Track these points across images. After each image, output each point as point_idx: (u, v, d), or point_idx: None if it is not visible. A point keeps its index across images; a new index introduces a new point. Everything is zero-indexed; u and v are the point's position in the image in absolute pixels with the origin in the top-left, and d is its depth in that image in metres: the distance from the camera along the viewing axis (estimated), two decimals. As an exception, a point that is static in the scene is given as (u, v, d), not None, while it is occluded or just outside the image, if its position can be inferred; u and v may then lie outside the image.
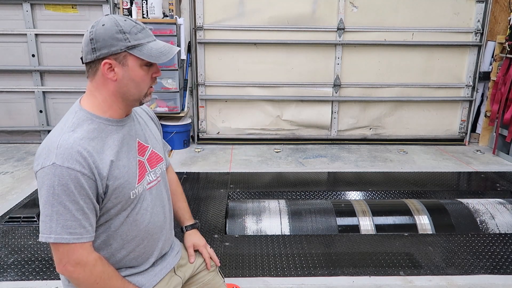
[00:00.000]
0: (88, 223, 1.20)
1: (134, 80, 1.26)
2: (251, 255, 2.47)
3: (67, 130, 1.20)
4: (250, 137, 5.09)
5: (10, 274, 2.26)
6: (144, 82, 1.28)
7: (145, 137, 1.40)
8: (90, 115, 1.25)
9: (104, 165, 1.21)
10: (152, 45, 1.25)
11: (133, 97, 1.29)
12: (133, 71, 1.24)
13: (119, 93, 1.27)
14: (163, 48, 1.27)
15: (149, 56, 1.23)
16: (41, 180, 1.16)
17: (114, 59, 1.22)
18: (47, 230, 1.16)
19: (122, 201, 1.27)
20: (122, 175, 1.25)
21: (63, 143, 1.16)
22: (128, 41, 1.21)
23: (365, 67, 4.93)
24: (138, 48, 1.23)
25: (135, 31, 1.23)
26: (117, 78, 1.24)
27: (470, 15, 4.82)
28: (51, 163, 1.14)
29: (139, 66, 1.25)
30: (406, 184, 3.67)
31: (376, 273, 2.30)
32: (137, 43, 1.23)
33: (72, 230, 1.16)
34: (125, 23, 1.22)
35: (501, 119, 4.57)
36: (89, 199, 1.18)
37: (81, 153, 1.16)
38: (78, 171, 1.15)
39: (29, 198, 3.27)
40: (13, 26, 4.60)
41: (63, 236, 1.16)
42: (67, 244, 1.17)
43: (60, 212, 1.15)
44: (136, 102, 1.31)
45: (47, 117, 4.90)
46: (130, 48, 1.22)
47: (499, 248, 2.56)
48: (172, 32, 4.32)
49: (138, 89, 1.28)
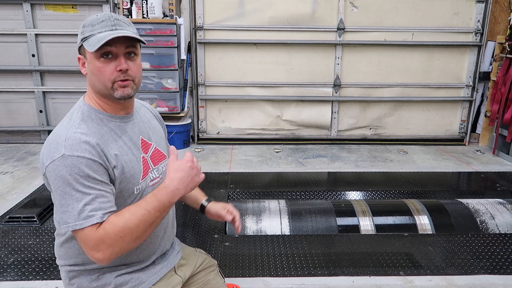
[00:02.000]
0: (109, 205, 1.18)
1: (93, 72, 1.24)
2: (251, 255, 2.47)
3: (73, 124, 1.22)
4: (250, 137, 5.09)
5: (10, 274, 2.26)
6: (103, 75, 1.22)
7: (148, 135, 1.41)
8: (93, 110, 1.27)
9: (111, 157, 1.22)
10: (101, 35, 1.19)
11: (101, 91, 1.26)
12: (90, 63, 1.24)
13: (91, 87, 1.28)
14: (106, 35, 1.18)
15: (89, 45, 1.19)
16: (53, 172, 1.16)
17: (80, 53, 1.26)
18: (71, 219, 1.14)
19: (125, 196, 1.28)
20: (128, 169, 1.26)
21: (70, 135, 1.18)
22: (82, 34, 1.23)
23: (365, 67, 4.93)
24: (88, 39, 1.21)
25: (95, 23, 1.21)
26: (87, 72, 1.26)
27: (470, 15, 4.82)
28: (60, 155, 1.15)
29: (95, 57, 1.21)
30: (406, 184, 3.67)
31: (376, 273, 2.30)
32: (88, 35, 1.21)
33: (92, 213, 1.15)
34: (95, 17, 1.23)
35: (501, 119, 4.57)
36: (104, 182, 1.19)
37: (89, 143, 1.18)
38: (89, 158, 1.16)
39: (29, 198, 3.27)
40: (13, 26, 4.60)
41: (86, 221, 1.14)
42: (90, 227, 1.14)
43: (79, 198, 1.14)
44: (107, 97, 1.26)
45: (47, 117, 4.90)
46: (83, 40, 1.22)
47: (499, 248, 2.56)
48: (172, 32, 4.32)
49: (100, 82, 1.23)
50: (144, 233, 1.19)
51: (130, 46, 1.24)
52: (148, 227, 1.19)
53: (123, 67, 1.22)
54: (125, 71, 1.23)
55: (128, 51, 1.24)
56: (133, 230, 1.16)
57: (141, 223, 1.17)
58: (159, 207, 1.19)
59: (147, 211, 1.17)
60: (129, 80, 1.25)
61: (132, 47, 1.25)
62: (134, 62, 1.26)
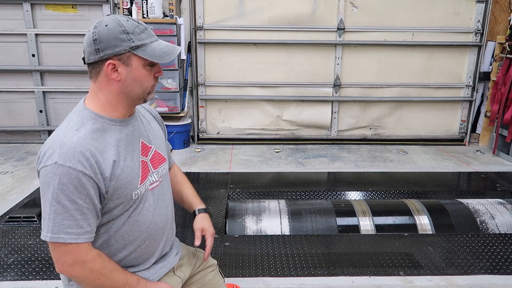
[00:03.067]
0: (87, 223, 1.19)
1: (138, 80, 1.26)
2: (251, 255, 2.47)
3: (71, 129, 1.21)
4: (250, 137, 5.09)
5: (10, 274, 2.26)
6: (147, 82, 1.29)
7: (148, 138, 1.40)
8: (94, 115, 1.25)
9: (107, 165, 1.21)
10: (155, 45, 1.26)
11: (137, 96, 1.30)
12: (136, 71, 1.25)
13: (122, 93, 1.27)
14: (166, 48, 1.27)
15: (152, 56, 1.24)
16: (43, 178, 1.17)
17: (118, 60, 1.22)
18: (45, 229, 1.17)
19: (124, 202, 1.27)
20: (124, 175, 1.26)
21: (66, 142, 1.17)
22: (132, 42, 1.22)
23: (365, 67, 4.93)
24: (142, 48, 1.23)
25: (138, 31, 1.23)
26: (121, 78, 1.24)
27: (470, 15, 4.82)
28: (53, 162, 1.15)
29: (142, 66, 1.25)
30: (406, 184, 3.67)
31: (376, 273, 2.30)
32: (140, 43, 1.23)
33: (69, 230, 1.16)
34: (128, 23, 1.23)
35: (501, 119, 4.57)
36: (90, 199, 1.18)
37: (84, 154, 1.17)
38: (80, 171, 1.15)
39: (29, 198, 3.27)
40: (13, 26, 4.60)
41: (60, 236, 1.16)
42: (63, 243, 1.17)
43: (59, 211, 1.15)
44: (140, 100, 1.32)
45: (47, 117, 4.90)
46: (134, 49, 1.22)
47: (499, 248, 2.56)
48: (172, 32, 4.32)
49: (142, 88, 1.28)
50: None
51: None
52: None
53: (161, 74, 1.33)
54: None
55: None
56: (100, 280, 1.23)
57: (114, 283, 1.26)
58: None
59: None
60: None
61: None
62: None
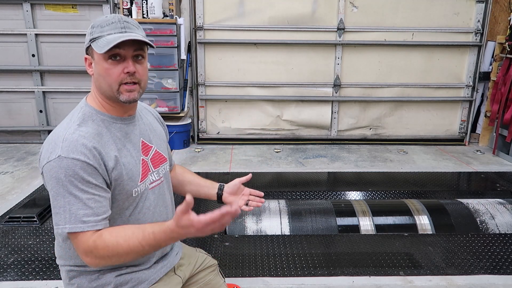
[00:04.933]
0: (102, 210, 1.19)
1: (100, 74, 1.23)
2: (251, 255, 2.47)
3: (72, 124, 1.22)
4: (250, 137, 5.09)
5: (10, 274, 2.26)
6: (110, 77, 1.22)
7: (149, 137, 1.41)
8: (95, 111, 1.27)
9: (109, 158, 1.22)
10: (111, 37, 1.19)
11: (107, 93, 1.25)
12: (98, 64, 1.23)
13: (97, 89, 1.28)
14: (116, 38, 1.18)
15: (97, 46, 1.19)
16: (49, 173, 1.17)
17: (88, 54, 1.26)
18: (61, 221, 1.16)
19: (124, 198, 1.28)
20: (126, 171, 1.26)
21: (68, 137, 1.18)
22: (91, 35, 1.22)
23: (365, 67, 4.93)
24: (97, 40, 1.21)
25: (104, 25, 1.21)
26: (93, 72, 1.26)
27: (470, 15, 4.82)
28: (56, 156, 1.15)
29: (103, 59, 1.21)
30: (406, 184, 3.67)
31: (376, 273, 2.30)
32: (98, 36, 1.21)
33: (86, 219, 1.16)
34: (104, 19, 1.23)
35: (501, 119, 4.57)
36: (99, 187, 1.19)
37: (86, 145, 1.18)
38: (84, 161, 1.16)
39: (29, 198, 3.27)
40: (13, 26, 4.60)
41: (77, 225, 1.16)
42: (82, 232, 1.16)
43: (72, 202, 1.15)
44: (112, 99, 1.26)
45: (47, 117, 4.90)
46: (91, 41, 1.22)
47: (499, 248, 2.56)
48: (172, 32, 4.32)
49: (107, 83, 1.23)
50: (132, 259, 1.21)
51: (138, 49, 1.24)
52: (137, 256, 1.21)
53: (131, 69, 1.22)
54: (133, 73, 1.23)
55: (136, 53, 1.24)
56: (121, 255, 1.17)
57: (131, 252, 1.17)
58: (154, 245, 1.18)
59: (141, 245, 1.16)
60: (136, 84, 1.25)
61: (140, 50, 1.25)
62: (141, 65, 1.27)
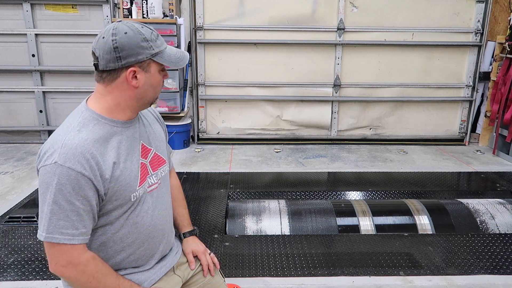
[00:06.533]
0: (82, 225, 1.19)
1: (153, 85, 1.31)
2: (251, 255, 2.47)
3: (73, 129, 1.21)
4: (250, 137, 5.09)
5: (10, 274, 2.26)
6: (160, 86, 1.34)
7: (148, 139, 1.41)
8: (96, 116, 1.26)
9: (107, 167, 1.21)
10: (169, 51, 1.30)
11: (148, 101, 1.34)
12: (154, 77, 1.30)
13: (136, 98, 1.30)
14: (178, 53, 1.32)
15: (169, 62, 1.30)
16: (41, 177, 1.17)
17: (139, 67, 1.25)
18: (41, 228, 1.17)
19: (122, 203, 1.27)
20: (124, 177, 1.26)
21: (67, 142, 1.17)
22: (152, 49, 1.25)
23: (365, 67, 4.93)
24: (160, 55, 1.27)
25: (154, 38, 1.27)
26: (139, 84, 1.27)
27: (470, 15, 4.82)
28: (53, 162, 1.15)
29: (158, 71, 1.31)
30: (406, 184, 3.67)
31: (376, 273, 2.30)
32: (158, 50, 1.27)
33: (64, 230, 1.16)
34: (145, 30, 1.26)
35: (501, 119, 4.57)
36: (87, 201, 1.18)
37: (84, 155, 1.17)
38: (79, 171, 1.15)
39: (29, 198, 3.27)
40: (13, 26, 4.60)
41: (54, 236, 1.16)
42: (58, 244, 1.17)
43: (55, 211, 1.15)
44: (149, 104, 1.37)
45: (47, 117, 4.90)
46: (153, 56, 1.26)
47: (499, 248, 2.56)
48: (172, 32, 4.32)
49: (155, 92, 1.34)
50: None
51: None
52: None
53: (168, 77, 1.39)
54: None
55: None
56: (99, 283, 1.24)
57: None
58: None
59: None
60: None
61: None
62: None
